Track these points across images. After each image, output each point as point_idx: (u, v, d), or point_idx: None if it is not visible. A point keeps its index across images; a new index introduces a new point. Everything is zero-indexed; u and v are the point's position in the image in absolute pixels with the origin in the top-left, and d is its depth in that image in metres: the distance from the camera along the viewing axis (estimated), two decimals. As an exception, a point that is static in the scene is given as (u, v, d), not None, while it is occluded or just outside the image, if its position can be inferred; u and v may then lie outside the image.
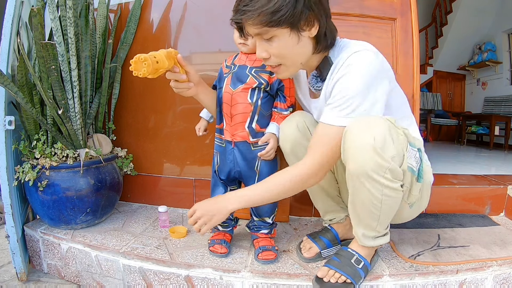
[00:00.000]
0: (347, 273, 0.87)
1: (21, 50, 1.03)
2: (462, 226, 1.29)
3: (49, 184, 1.13)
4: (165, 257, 1.03)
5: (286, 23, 0.73)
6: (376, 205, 0.79)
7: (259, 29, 0.75)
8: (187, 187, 1.48)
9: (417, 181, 0.82)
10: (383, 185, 0.75)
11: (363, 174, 0.75)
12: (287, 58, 0.81)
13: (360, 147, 0.73)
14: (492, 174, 1.74)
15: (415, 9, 1.38)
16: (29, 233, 1.25)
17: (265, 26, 0.73)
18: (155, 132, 1.52)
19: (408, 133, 0.80)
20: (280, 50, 0.78)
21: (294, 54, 0.80)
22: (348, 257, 0.90)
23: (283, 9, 0.70)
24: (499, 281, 0.99)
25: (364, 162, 0.73)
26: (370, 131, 0.72)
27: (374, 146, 0.71)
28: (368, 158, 0.72)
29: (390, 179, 0.75)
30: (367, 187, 0.76)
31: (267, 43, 0.78)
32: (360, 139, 0.73)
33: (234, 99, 1.00)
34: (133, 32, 1.47)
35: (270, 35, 0.76)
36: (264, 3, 0.70)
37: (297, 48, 0.79)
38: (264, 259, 0.99)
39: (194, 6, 1.45)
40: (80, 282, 1.17)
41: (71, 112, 1.18)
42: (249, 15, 0.72)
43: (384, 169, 0.73)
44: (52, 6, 1.12)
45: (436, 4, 5.12)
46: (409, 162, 0.77)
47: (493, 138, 3.89)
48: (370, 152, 0.72)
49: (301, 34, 0.77)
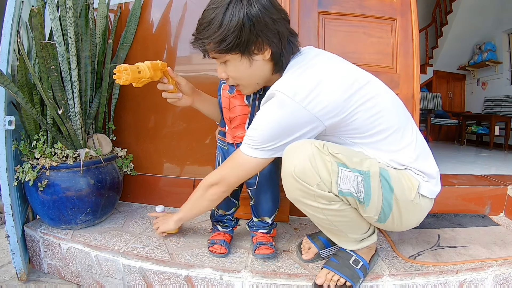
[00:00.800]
0: (346, 274, 0.88)
1: (21, 50, 1.03)
2: (462, 226, 1.29)
3: (49, 184, 1.13)
4: (165, 257, 1.03)
5: (234, 50, 0.78)
6: (329, 223, 0.82)
7: (213, 54, 0.81)
8: (187, 187, 1.48)
9: (363, 203, 0.77)
10: (321, 208, 0.78)
11: (296, 201, 0.80)
12: (242, 79, 0.86)
13: (285, 176, 0.78)
14: (492, 174, 1.74)
15: (415, 9, 1.38)
16: (29, 233, 1.25)
17: (218, 52, 0.79)
18: (155, 132, 1.52)
19: (343, 157, 0.76)
20: (234, 73, 0.84)
21: (248, 76, 0.85)
22: (346, 258, 0.90)
23: (229, 38, 0.75)
24: (499, 281, 1.00)
25: (292, 190, 0.78)
26: (291, 160, 0.76)
27: (293, 175, 0.75)
28: (294, 187, 0.77)
29: (325, 202, 0.77)
30: (307, 211, 0.81)
31: (223, 65, 0.85)
32: (284, 167, 0.78)
33: (232, 102, 1.01)
34: (133, 32, 1.47)
35: (223, 60, 0.82)
36: (211, 32, 0.76)
37: (251, 70, 0.83)
38: (261, 253, 1.00)
39: (194, 6, 1.45)
40: (80, 282, 1.17)
41: (71, 112, 1.18)
42: (201, 42, 0.79)
43: (312, 195, 0.76)
44: (52, 6, 1.12)
45: (436, 4, 5.12)
46: (342, 187, 0.75)
47: (493, 138, 3.89)
48: (292, 181, 0.76)
49: (252, 58, 0.81)
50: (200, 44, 0.80)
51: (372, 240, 0.90)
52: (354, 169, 0.77)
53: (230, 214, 1.12)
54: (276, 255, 1.03)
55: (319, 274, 0.90)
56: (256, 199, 1.06)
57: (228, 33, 0.74)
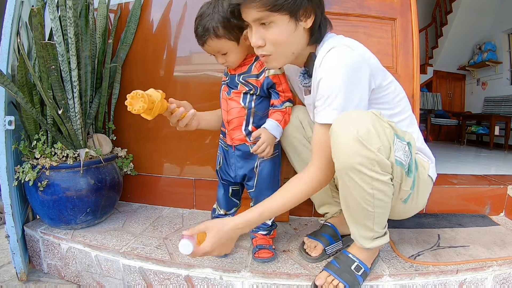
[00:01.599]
0: (346, 280, 0.87)
1: (21, 50, 1.03)
2: (462, 226, 1.29)
3: (49, 184, 1.13)
4: (165, 257, 1.03)
5: (287, 9, 0.75)
6: (369, 200, 0.78)
7: (261, 13, 0.75)
8: (187, 187, 1.48)
9: (407, 175, 0.80)
10: (373, 178, 0.74)
11: (351, 169, 0.74)
12: (282, 46, 0.81)
13: (345, 141, 0.72)
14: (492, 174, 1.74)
15: (415, 9, 1.37)
16: (29, 233, 1.25)
17: (268, 10, 0.74)
18: (155, 132, 1.52)
19: (395, 126, 0.79)
20: (277, 36, 0.79)
21: (289, 42, 0.81)
22: (348, 263, 0.90)
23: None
24: (499, 281, 1.00)
25: (351, 155, 0.72)
26: (353, 125, 0.72)
27: (358, 138, 0.71)
28: (354, 151, 0.72)
29: (379, 171, 0.74)
30: (357, 182, 0.75)
31: (264, 29, 0.79)
32: (344, 133, 0.73)
33: (229, 104, 1.01)
34: (133, 32, 1.47)
35: (270, 20, 0.77)
36: None
37: (293, 36, 0.80)
38: (260, 257, 0.99)
39: (194, 6, 1.45)
40: (80, 282, 1.17)
41: (71, 112, 1.18)
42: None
43: (371, 161, 0.72)
44: (52, 6, 1.12)
45: (436, 4, 5.13)
46: (396, 155, 0.76)
47: (493, 138, 3.89)
48: (355, 144, 0.71)
49: (298, 23, 0.79)
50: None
51: (385, 240, 0.88)
52: (403, 138, 0.79)
53: (230, 214, 1.12)
54: (276, 257, 1.03)
55: (319, 275, 0.90)
56: (256, 200, 1.06)
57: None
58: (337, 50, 0.79)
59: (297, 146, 1.05)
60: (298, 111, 1.05)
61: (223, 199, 1.12)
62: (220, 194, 1.13)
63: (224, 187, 1.11)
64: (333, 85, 0.77)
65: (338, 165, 0.76)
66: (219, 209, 1.14)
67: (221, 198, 1.13)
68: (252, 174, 1.04)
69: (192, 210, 1.48)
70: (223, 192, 1.12)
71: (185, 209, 1.50)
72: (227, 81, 1.04)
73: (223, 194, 1.12)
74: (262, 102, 1.01)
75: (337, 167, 0.77)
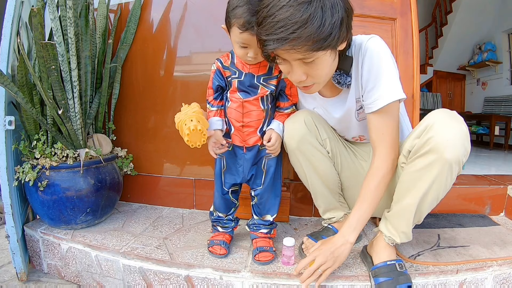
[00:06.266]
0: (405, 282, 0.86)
1: (21, 50, 1.03)
2: (462, 226, 1.29)
3: (49, 184, 1.13)
4: (165, 257, 1.03)
5: (330, 47, 0.72)
6: (448, 186, 0.83)
7: (305, 54, 0.72)
8: (187, 187, 1.48)
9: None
10: (459, 171, 0.81)
11: (457, 161, 0.77)
12: (324, 76, 0.81)
13: (457, 136, 0.76)
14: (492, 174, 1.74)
15: (415, 9, 1.37)
16: (29, 233, 1.25)
17: (314, 51, 0.71)
18: (155, 132, 1.52)
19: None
20: (320, 70, 0.78)
21: (330, 70, 0.82)
22: (393, 269, 0.88)
23: (332, 34, 0.70)
24: (499, 281, 0.99)
25: (460, 149, 0.76)
26: (458, 120, 0.78)
27: (466, 135, 0.77)
28: (461, 145, 0.76)
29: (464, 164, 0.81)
30: (453, 170, 0.79)
31: (307, 66, 0.76)
32: (455, 128, 0.76)
33: (246, 107, 0.98)
34: (133, 32, 1.47)
35: (313, 58, 0.74)
36: (315, 28, 0.67)
37: (332, 64, 0.81)
38: (260, 261, 0.99)
39: (194, 6, 1.45)
40: (80, 282, 1.17)
41: (71, 112, 1.18)
42: (297, 43, 0.68)
43: (466, 157, 0.80)
44: (52, 6, 1.12)
45: (436, 4, 5.13)
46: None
47: (493, 138, 3.89)
48: (464, 139, 0.77)
49: (336, 51, 0.79)
50: (295, 44, 0.69)
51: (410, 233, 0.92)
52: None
53: (230, 215, 1.11)
54: (276, 259, 1.02)
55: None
56: (260, 197, 1.05)
57: (332, 30, 0.69)
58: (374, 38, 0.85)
59: (306, 150, 1.00)
60: (309, 113, 0.99)
61: (222, 202, 1.09)
62: (219, 198, 1.09)
63: (222, 190, 1.07)
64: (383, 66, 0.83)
65: (447, 157, 0.76)
66: (217, 212, 1.11)
67: (220, 202, 1.09)
68: (260, 172, 1.04)
69: (192, 210, 1.48)
70: (222, 194, 1.08)
71: (185, 209, 1.50)
72: (240, 79, 0.97)
73: (222, 197, 1.08)
74: (273, 102, 1.02)
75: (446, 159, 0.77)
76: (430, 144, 0.77)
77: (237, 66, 0.99)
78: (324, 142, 1.01)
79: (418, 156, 0.80)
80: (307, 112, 1.00)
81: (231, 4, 0.89)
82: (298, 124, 0.97)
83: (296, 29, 0.67)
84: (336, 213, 1.10)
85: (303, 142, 0.97)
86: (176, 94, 1.49)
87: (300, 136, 0.97)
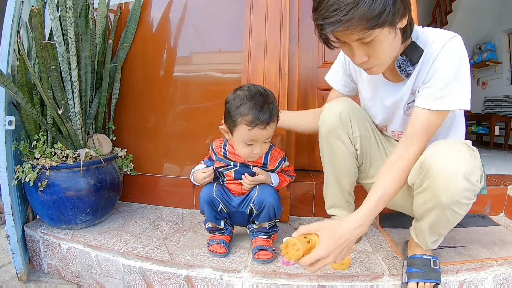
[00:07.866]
0: (435, 278, 0.89)
1: (21, 50, 1.03)
2: (462, 226, 1.28)
3: (49, 184, 1.13)
4: (165, 257, 1.03)
5: (387, 23, 0.70)
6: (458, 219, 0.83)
7: (362, 34, 0.71)
8: (187, 187, 1.48)
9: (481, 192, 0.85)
10: (469, 204, 0.80)
11: (455, 203, 0.77)
12: (385, 56, 0.79)
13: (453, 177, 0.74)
14: (492, 174, 1.74)
15: (415, 9, 1.37)
16: (29, 233, 1.25)
17: (369, 30, 0.69)
18: (155, 132, 1.52)
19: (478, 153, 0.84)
20: (381, 50, 0.76)
21: (392, 50, 0.79)
22: (427, 264, 0.91)
23: (386, 10, 0.68)
24: (499, 281, 0.99)
25: (458, 191, 0.75)
26: (460, 158, 0.75)
27: (465, 174, 0.73)
28: (461, 188, 0.74)
29: (474, 198, 0.79)
30: (456, 211, 0.79)
31: (366, 46, 0.75)
32: (451, 167, 0.74)
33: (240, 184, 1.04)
34: (133, 32, 1.47)
35: (372, 37, 0.72)
36: (365, 9, 0.66)
37: (393, 43, 0.77)
38: (260, 259, 0.99)
39: (194, 6, 1.45)
40: (80, 282, 1.17)
41: (71, 112, 1.18)
42: (351, 23, 0.67)
43: (473, 193, 0.77)
44: (52, 6, 1.12)
45: (436, 4, 5.12)
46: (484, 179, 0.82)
47: (493, 138, 3.89)
48: (463, 181, 0.74)
49: (396, 29, 0.75)
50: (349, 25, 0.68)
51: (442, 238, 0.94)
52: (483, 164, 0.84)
53: (225, 223, 1.08)
54: (275, 258, 1.02)
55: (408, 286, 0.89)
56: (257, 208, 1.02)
57: (385, 6, 0.67)
58: (456, 40, 0.80)
59: (333, 143, 0.99)
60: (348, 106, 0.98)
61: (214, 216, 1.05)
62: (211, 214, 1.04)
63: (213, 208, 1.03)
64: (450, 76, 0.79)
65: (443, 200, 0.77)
66: (211, 223, 1.07)
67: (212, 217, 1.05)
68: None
69: (192, 210, 1.48)
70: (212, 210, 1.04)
71: (185, 209, 1.50)
72: (236, 169, 1.03)
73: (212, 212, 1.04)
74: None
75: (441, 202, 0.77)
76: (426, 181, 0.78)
77: (230, 159, 1.03)
78: (355, 140, 0.99)
79: (418, 193, 0.83)
80: (347, 103, 0.98)
81: (233, 104, 0.91)
82: (333, 115, 0.97)
83: (349, 10, 0.66)
84: (340, 211, 1.10)
85: (332, 134, 0.98)
86: (176, 94, 1.49)
87: (330, 126, 0.97)
